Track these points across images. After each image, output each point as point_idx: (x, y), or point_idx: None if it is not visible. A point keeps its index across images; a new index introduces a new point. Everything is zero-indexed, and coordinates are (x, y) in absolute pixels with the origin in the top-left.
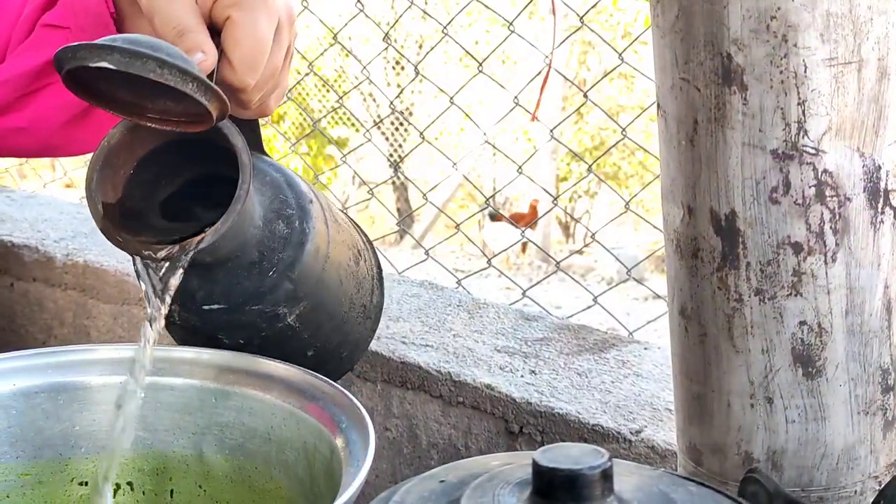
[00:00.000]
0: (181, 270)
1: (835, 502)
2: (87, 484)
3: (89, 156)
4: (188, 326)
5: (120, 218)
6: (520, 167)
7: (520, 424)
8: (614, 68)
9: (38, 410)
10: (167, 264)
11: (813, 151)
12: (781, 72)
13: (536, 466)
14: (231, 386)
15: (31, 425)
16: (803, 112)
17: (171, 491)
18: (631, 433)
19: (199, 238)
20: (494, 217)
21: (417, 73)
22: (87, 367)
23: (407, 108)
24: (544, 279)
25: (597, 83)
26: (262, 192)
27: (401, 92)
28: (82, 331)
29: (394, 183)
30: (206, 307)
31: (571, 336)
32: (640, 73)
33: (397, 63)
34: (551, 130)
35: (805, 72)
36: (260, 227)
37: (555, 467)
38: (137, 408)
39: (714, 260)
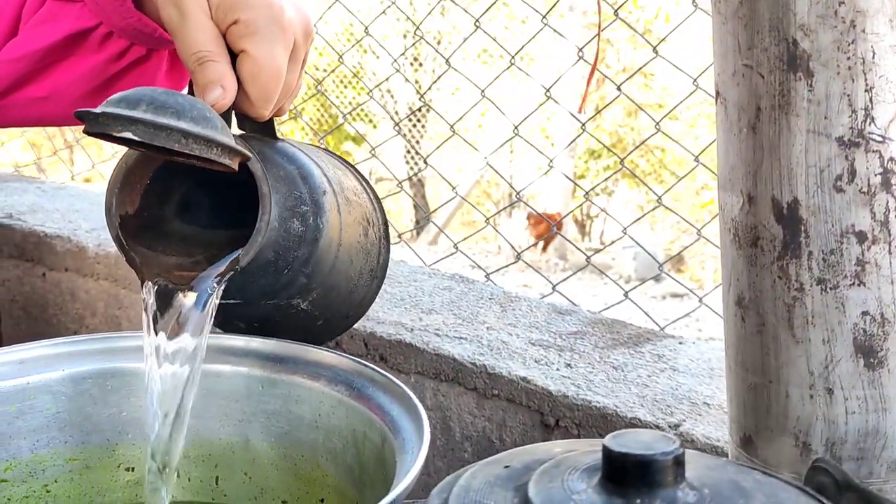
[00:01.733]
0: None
1: (895, 495)
2: (133, 470)
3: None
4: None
5: (138, 229)
6: (550, 161)
7: (556, 417)
8: (648, 62)
9: (86, 396)
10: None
11: (880, 139)
12: (849, 58)
13: (607, 452)
14: (278, 374)
15: (80, 411)
16: (870, 99)
17: (217, 478)
18: (669, 427)
19: (219, 271)
20: (528, 216)
21: (449, 65)
22: (136, 353)
23: (425, 105)
24: (575, 273)
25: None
26: (276, 188)
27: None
28: (114, 321)
29: (410, 179)
30: (221, 301)
31: (605, 330)
32: (674, 66)
33: (415, 59)
34: (583, 125)
35: (873, 58)
36: (275, 228)
37: (627, 452)
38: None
39: (775, 249)
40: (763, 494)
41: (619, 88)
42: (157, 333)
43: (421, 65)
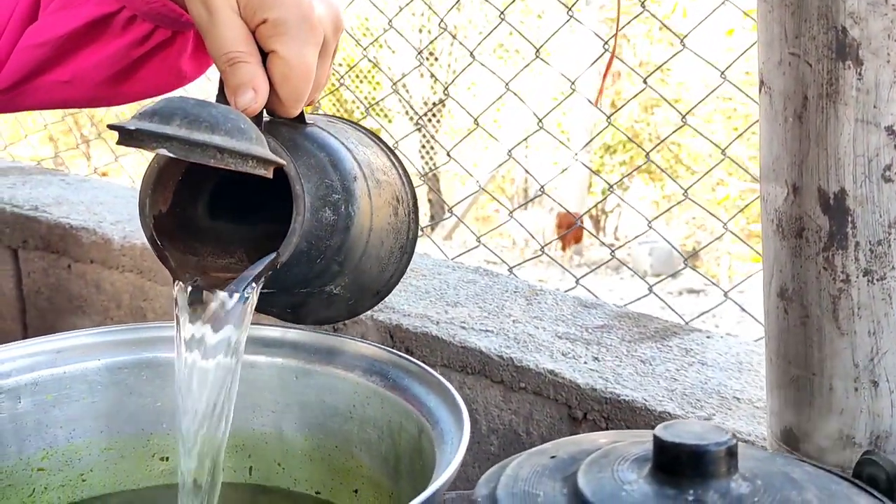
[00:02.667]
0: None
1: None
2: (167, 459)
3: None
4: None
5: (171, 227)
6: (576, 154)
7: (584, 411)
8: (675, 54)
9: (122, 386)
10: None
11: None
12: None
13: (659, 442)
14: (313, 364)
15: (115, 400)
16: None
17: (250, 468)
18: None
19: (256, 273)
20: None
21: (473, 58)
22: (170, 343)
23: (440, 99)
24: (599, 267)
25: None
26: (307, 177)
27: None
28: (139, 313)
29: (426, 175)
30: None
31: (632, 324)
32: (702, 59)
33: (431, 54)
34: (608, 117)
35: None
36: (308, 219)
37: (680, 443)
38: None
39: (820, 240)
40: (815, 486)
41: (644, 81)
42: (190, 334)
43: (437, 59)
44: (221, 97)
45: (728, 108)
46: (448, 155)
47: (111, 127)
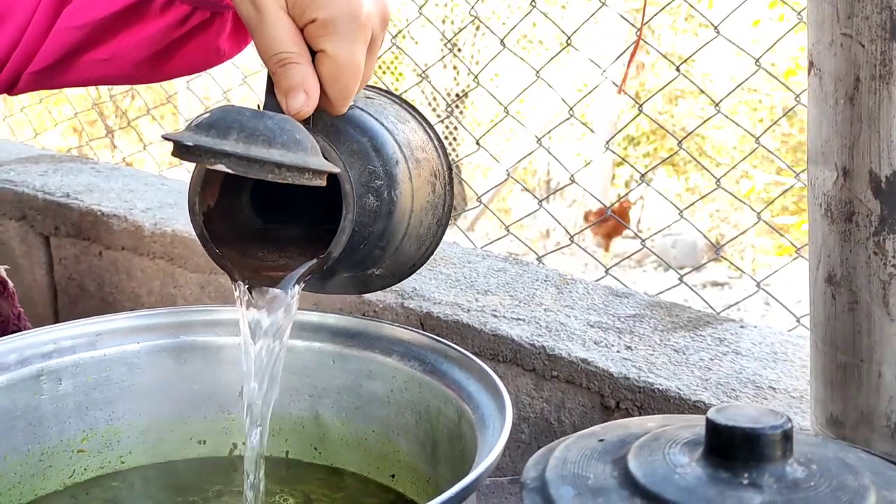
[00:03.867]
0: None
1: None
2: (205, 443)
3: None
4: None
5: (219, 222)
6: (607, 142)
7: (616, 399)
8: (709, 41)
9: (160, 369)
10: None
11: None
12: None
13: (713, 425)
14: (350, 349)
15: (154, 383)
16: None
17: (287, 452)
18: None
19: (302, 269)
20: (587, 217)
21: (504, 46)
22: (211, 327)
23: (463, 91)
24: (630, 257)
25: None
26: (350, 164)
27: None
28: (169, 299)
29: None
30: None
31: (664, 313)
32: (737, 46)
33: (454, 45)
34: (640, 106)
35: None
36: None
37: (734, 426)
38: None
39: (871, 224)
40: (870, 472)
41: (677, 69)
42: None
43: (460, 50)
44: (271, 97)
45: (753, 100)
46: (477, 143)
47: (167, 138)
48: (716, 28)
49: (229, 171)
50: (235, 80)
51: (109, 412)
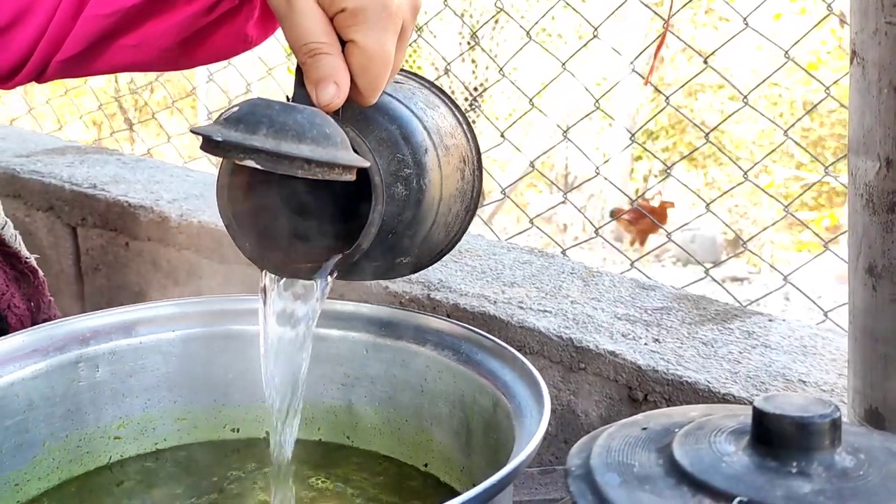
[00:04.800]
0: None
1: None
2: (238, 430)
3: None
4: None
5: (248, 213)
6: (632, 135)
7: (644, 392)
8: (737, 34)
9: (195, 357)
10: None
11: None
12: None
13: (760, 414)
14: (384, 338)
15: (188, 371)
16: None
17: (319, 441)
18: None
19: (332, 262)
20: (614, 214)
21: (530, 38)
22: (243, 316)
23: (481, 84)
24: (654, 251)
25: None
26: (379, 153)
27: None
28: (195, 290)
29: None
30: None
31: (691, 306)
32: (764, 37)
33: (473, 38)
34: (667, 98)
35: None
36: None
37: (783, 414)
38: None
39: None
40: None
41: (705, 61)
42: (272, 310)
43: (478, 43)
44: (300, 88)
45: (773, 94)
46: (502, 136)
47: (195, 132)
48: (745, 20)
49: (258, 166)
50: (256, 74)
51: (145, 399)
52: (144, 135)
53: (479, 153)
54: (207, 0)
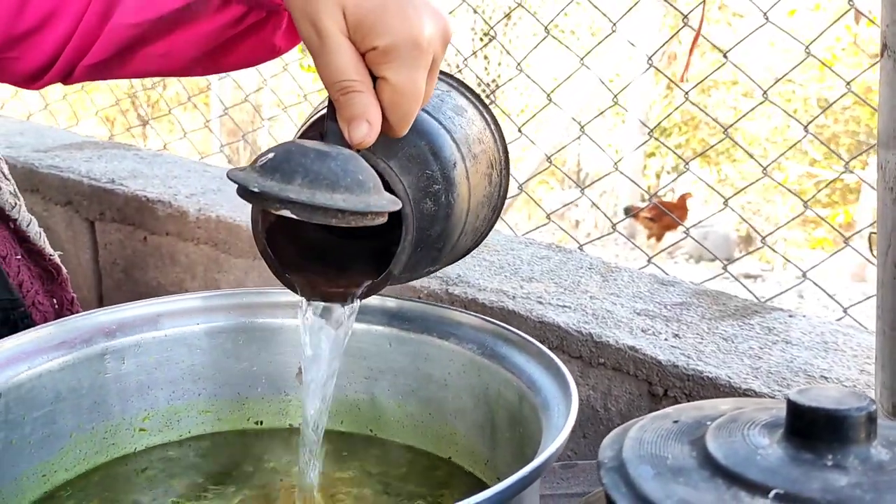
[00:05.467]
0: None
1: None
2: (261, 423)
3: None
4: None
5: (278, 238)
6: (651, 130)
7: (664, 387)
8: (759, 27)
9: (219, 350)
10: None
11: None
12: None
13: (794, 407)
14: (408, 332)
15: (213, 364)
16: None
17: (342, 433)
18: None
19: (362, 288)
20: (630, 211)
21: (548, 33)
22: (268, 309)
23: (493, 80)
24: (672, 246)
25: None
26: (408, 169)
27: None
28: (213, 284)
29: None
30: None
31: (711, 301)
32: (786, 32)
33: (485, 34)
34: (686, 94)
35: None
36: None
37: (818, 407)
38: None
39: None
40: None
41: (725, 56)
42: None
43: (492, 39)
44: (333, 123)
45: (787, 91)
46: (519, 130)
47: (231, 178)
48: (765, 15)
49: (294, 216)
50: (270, 71)
51: (170, 392)
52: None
53: (506, 153)
54: (235, 12)
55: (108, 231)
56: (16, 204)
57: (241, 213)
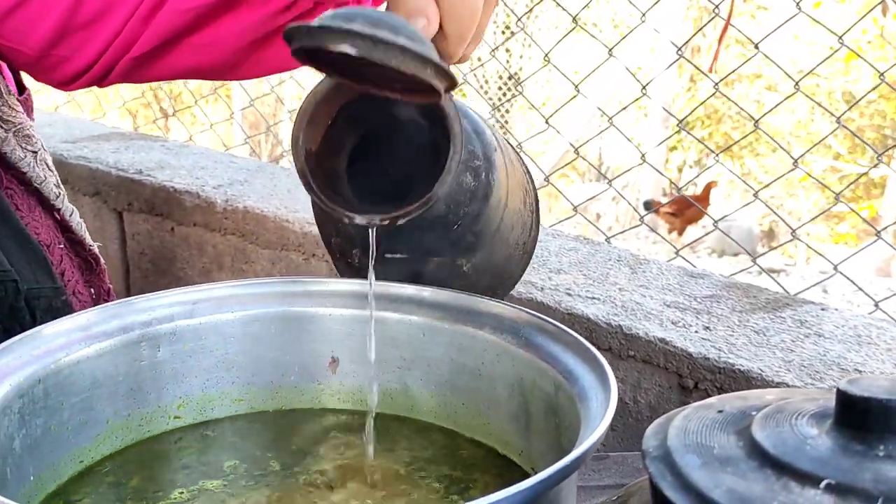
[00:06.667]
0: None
1: None
2: (295, 412)
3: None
4: (365, 270)
5: (316, 170)
6: (680, 122)
7: (695, 380)
8: (791, 17)
9: (252, 338)
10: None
11: None
12: None
13: (845, 396)
14: (441, 321)
15: (246, 352)
16: None
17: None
18: None
19: (405, 211)
20: (650, 205)
21: (576, 23)
22: (300, 298)
23: (515, 74)
24: (701, 238)
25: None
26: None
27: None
28: (240, 275)
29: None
30: (388, 255)
31: (741, 294)
32: (820, 24)
33: (507, 28)
34: (716, 84)
35: None
36: (449, 183)
37: (870, 397)
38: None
39: None
40: None
41: (756, 47)
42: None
43: (514, 33)
44: None
45: (811, 85)
46: (546, 122)
47: (287, 30)
48: (798, 5)
49: (353, 51)
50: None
51: (204, 380)
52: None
53: (537, 199)
54: (283, 0)
55: (136, 222)
56: (59, 194)
57: (268, 203)
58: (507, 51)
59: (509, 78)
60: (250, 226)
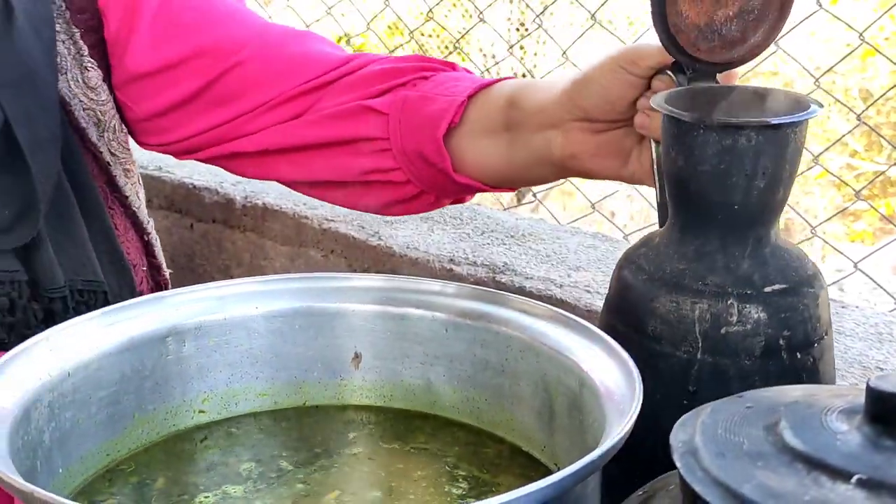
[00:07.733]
0: None
1: None
2: (317, 408)
3: None
4: None
5: None
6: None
7: None
8: (813, 13)
9: (276, 334)
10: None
11: None
12: None
13: (876, 393)
14: (464, 317)
15: (270, 348)
16: None
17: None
18: None
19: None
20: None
21: (594, 19)
22: (324, 294)
23: (529, 71)
24: None
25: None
26: None
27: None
28: (259, 272)
29: None
30: None
31: None
32: (839, 20)
33: (521, 25)
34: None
35: None
36: None
37: None
38: None
39: None
40: None
41: (776, 44)
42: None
43: (528, 30)
44: None
45: (827, 82)
46: None
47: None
48: (818, 2)
49: None
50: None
51: (228, 374)
52: None
53: None
54: (408, 191)
55: (155, 218)
56: (150, 220)
57: (287, 200)
58: (522, 48)
59: (523, 76)
60: (269, 222)
